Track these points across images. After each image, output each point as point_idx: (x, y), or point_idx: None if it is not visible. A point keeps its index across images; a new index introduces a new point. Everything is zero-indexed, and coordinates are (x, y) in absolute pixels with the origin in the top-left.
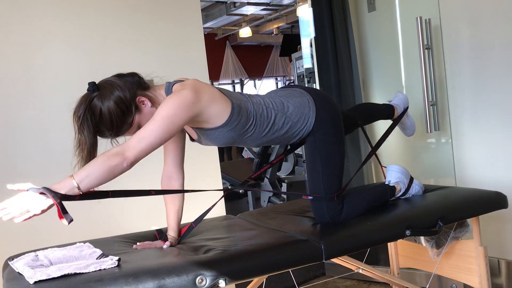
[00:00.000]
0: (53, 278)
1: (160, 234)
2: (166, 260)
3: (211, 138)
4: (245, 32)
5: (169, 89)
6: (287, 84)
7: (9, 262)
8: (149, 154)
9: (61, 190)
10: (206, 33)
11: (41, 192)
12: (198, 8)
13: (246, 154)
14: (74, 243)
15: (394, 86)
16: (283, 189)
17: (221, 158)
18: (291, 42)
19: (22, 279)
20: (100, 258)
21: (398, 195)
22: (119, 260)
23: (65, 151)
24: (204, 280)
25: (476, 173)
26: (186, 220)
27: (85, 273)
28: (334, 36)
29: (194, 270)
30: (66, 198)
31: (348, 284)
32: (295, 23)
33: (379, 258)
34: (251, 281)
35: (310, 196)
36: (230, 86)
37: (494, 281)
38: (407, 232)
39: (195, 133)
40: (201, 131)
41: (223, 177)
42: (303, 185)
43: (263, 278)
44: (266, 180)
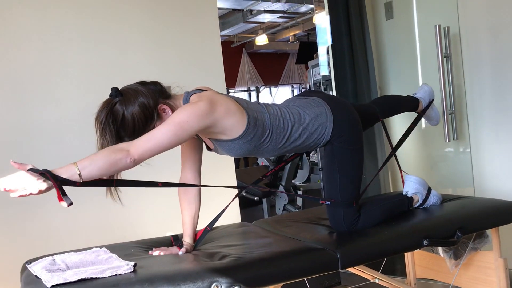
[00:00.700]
0: (70, 282)
1: (176, 240)
2: (182, 266)
3: (227, 149)
4: (262, 40)
5: (187, 99)
6: (304, 91)
7: (27, 266)
8: (167, 160)
9: (63, 174)
10: (223, 41)
11: (42, 173)
12: (216, 17)
13: (261, 161)
14: (91, 248)
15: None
16: None
17: (237, 165)
18: (307, 50)
19: (40, 283)
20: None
21: (416, 206)
22: (135, 266)
23: (84, 156)
24: (219, 287)
25: (496, 183)
26: (201, 227)
27: (102, 278)
28: (351, 44)
29: (209, 277)
30: (67, 183)
31: None
32: (312, 31)
33: (396, 268)
34: None
35: (328, 201)
36: (246, 94)
37: None
38: (425, 242)
39: (212, 143)
40: (217, 142)
41: (238, 184)
42: (319, 193)
43: (278, 287)
44: (281, 188)
